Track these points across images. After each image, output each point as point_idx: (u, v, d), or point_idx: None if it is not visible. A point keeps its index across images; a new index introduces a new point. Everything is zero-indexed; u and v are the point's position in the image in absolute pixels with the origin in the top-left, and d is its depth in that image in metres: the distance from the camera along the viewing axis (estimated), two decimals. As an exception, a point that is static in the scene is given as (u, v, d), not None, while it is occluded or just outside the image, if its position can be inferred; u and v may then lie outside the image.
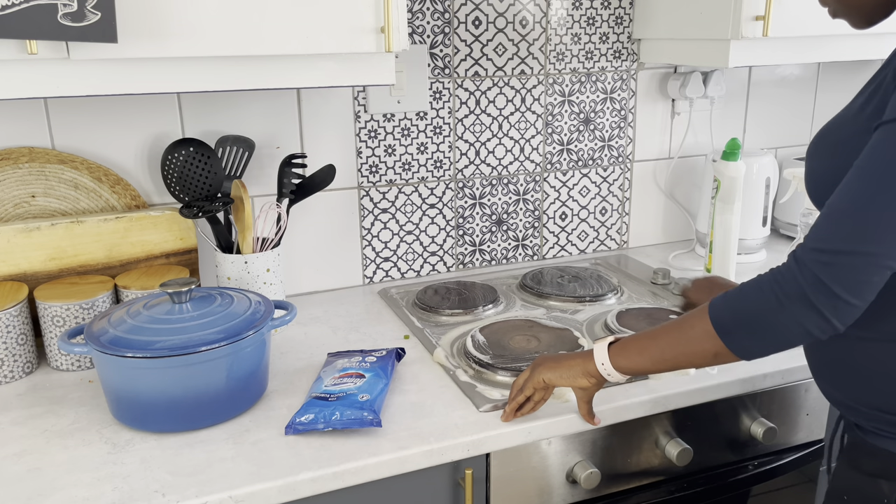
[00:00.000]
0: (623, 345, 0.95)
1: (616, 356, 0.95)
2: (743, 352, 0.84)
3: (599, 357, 0.96)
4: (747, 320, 0.82)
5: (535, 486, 1.09)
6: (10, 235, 1.23)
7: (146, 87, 1.04)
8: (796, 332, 0.78)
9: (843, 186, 0.77)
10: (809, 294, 0.76)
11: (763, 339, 0.81)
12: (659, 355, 0.91)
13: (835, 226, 0.76)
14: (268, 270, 1.31)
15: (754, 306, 0.81)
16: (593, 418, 1.03)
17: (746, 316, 0.82)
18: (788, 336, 0.79)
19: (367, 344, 1.29)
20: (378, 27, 1.10)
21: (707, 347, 0.86)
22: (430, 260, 1.65)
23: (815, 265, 0.75)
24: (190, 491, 0.89)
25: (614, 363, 0.95)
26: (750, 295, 0.81)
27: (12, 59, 0.96)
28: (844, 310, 0.76)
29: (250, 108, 1.42)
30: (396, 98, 1.51)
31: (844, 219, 0.75)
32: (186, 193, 1.30)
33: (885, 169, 0.73)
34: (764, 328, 0.80)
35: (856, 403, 0.88)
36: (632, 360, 0.94)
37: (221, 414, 1.05)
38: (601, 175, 1.75)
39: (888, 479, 0.85)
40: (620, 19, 1.65)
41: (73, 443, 1.01)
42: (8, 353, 1.17)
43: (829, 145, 0.88)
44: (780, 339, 0.80)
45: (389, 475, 0.98)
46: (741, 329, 0.82)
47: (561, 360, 1.00)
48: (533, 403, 1.03)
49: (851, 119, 0.85)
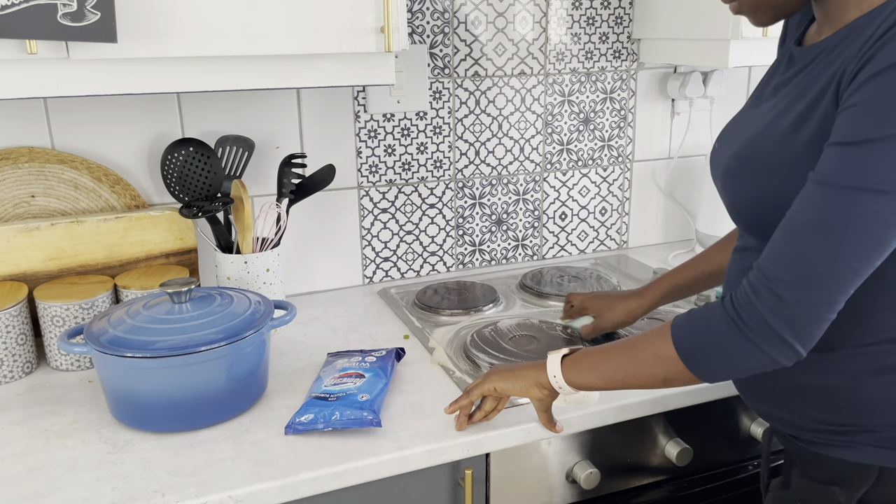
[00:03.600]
0: (576, 359, 0.93)
1: (568, 370, 0.93)
2: (707, 376, 0.82)
3: (552, 369, 0.94)
4: (711, 347, 0.80)
5: (535, 486, 1.09)
6: (10, 235, 1.23)
7: (146, 87, 1.04)
8: (761, 360, 0.76)
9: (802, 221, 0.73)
10: (771, 323, 0.74)
11: (727, 365, 0.80)
12: (610, 374, 0.89)
13: (795, 260, 0.73)
14: (267, 270, 1.31)
15: (717, 334, 0.78)
16: (554, 426, 1.02)
17: (710, 342, 0.80)
18: (752, 363, 0.78)
19: (366, 344, 1.29)
20: (378, 27, 1.10)
21: (657, 372, 0.84)
22: (429, 260, 1.65)
23: (772, 297, 0.73)
24: (190, 491, 0.89)
25: (566, 377, 0.93)
26: (713, 322, 0.79)
27: (12, 59, 0.96)
28: (806, 337, 0.74)
29: (250, 108, 1.42)
30: (396, 98, 1.51)
31: (807, 260, 0.72)
32: (186, 193, 1.30)
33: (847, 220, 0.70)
34: (729, 355, 0.78)
35: (795, 417, 0.86)
36: (582, 377, 0.92)
37: (221, 414, 1.04)
38: (601, 175, 1.75)
39: (841, 486, 0.84)
40: (620, 19, 1.65)
41: (72, 443, 1.01)
42: (8, 353, 1.17)
43: (759, 168, 0.82)
44: (744, 366, 0.79)
45: (389, 475, 0.98)
46: (704, 354, 0.81)
47: (515, 370, 0.99)
48: (483, 413, 1.01)
49: (783, 139, 0.79)
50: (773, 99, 0.86)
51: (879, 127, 0.68)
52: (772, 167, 0.80)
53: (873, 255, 0.71)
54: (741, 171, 0.85)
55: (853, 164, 0.69)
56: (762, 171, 0.81)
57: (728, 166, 0.87)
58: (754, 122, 0.87)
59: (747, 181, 0.84)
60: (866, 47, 0.71)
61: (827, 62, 0.78)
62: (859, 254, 0.70)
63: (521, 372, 0.98)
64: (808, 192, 0.73)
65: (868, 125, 0.68)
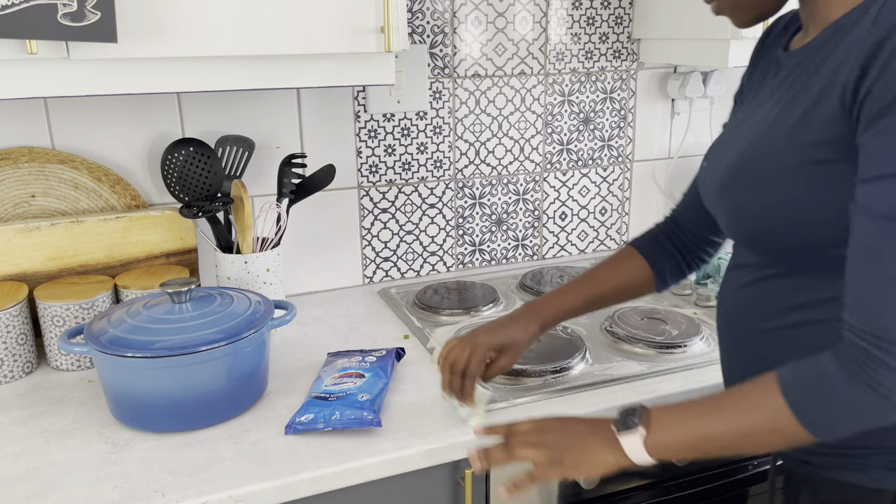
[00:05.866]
0: (664, 443, 0.78)
1: (656, 451, 0.78)
2: (832, 437, 0.73)
3: (637, 456, 0.79)
4: (835, 412, 0.71)
5: (535, 486, 1.09)
6: (10, 235, 1.23)
7: (146, 87, 1.04)
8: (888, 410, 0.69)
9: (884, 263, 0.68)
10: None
11: (853, 422, 0.71)
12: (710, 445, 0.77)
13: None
14: (268, 270, 1.31)
15: (846, 400, 0.70)
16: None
17: (838, 410, 0.71)
18: (886, 416, 0.70)
19: (366, 344, 1.29)
20: (378, 27, 1.10)
21: (777, 436, 0.73)
22: (430, 260, 1.65)
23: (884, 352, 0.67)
24: (190, 491, 0.89)
25: (656, 456, 0.79)
26: (842, 387, 0.70)
27: (12, 59, 0.96)
28: None
29: (250, 108, 1.42)
30: (396, 98, 1.51)
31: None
32: (186, 193, 1.30)
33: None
34: (860, 413, 0.70)
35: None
36: (673, 454, 0.79)
37: (221, 414, 1.05)
38: (601, 175, 1.75)
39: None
40: (620, 19, 1.65)
41: (72, 443, 1.01)
42: (8, 353, 1.17)
43: (759, 177, 0.78)
44: (874, 420, 0.71)
45: (389, 475, 0.98)
46: (834, 421, 0.71)
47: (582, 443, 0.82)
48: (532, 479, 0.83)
49: (783, 146, 0.76)
50: (765, 107, 0.83)
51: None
52: (772, 175, 0.77)
53: None
54: (739, 183, 0.81)
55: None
56: (762, 180, 0.78)
57: (724, 180, 0.83)
58: (747, 132, 0.84)
59: (747, 192, 0.80)
60: (863, 53, 0.69)
61: (815, 63, 0.77)
62: None
63: (594, 458, 0.81)
64: (871, 231, 0.68)
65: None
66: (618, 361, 1.20)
